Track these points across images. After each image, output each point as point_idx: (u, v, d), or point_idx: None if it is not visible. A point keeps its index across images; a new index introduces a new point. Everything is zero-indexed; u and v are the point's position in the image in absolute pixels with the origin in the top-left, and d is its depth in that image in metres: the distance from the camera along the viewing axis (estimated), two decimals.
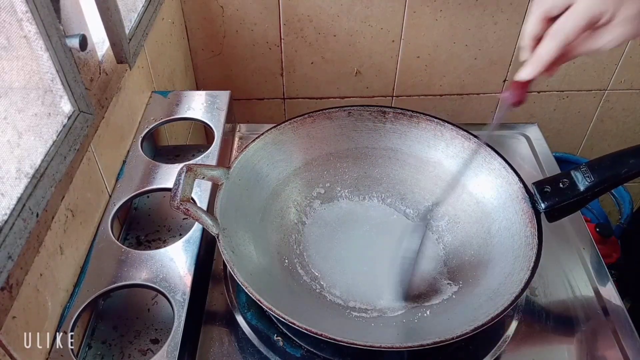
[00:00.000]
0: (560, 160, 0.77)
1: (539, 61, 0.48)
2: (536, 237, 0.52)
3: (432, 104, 1.10)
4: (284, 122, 0.65)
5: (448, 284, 0.58)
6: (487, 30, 0.99)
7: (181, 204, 0.50)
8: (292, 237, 0.63)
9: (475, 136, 0.62)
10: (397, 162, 0.68)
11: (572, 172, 0.54)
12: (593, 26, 0.45)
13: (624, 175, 0.52)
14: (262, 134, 0.63)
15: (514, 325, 0.56)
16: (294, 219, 0.65)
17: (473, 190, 0.62)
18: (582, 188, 0.53)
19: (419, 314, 0.55)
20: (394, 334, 0.53)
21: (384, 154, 0.68)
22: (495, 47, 1.02)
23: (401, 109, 0.66)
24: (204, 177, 0.55)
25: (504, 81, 1.08)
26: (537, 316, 0.57)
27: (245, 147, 0.62)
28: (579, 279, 0.61)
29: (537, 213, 0.54)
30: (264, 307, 0.47)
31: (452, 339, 0.45)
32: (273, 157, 0.64)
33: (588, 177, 0.53)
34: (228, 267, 0.51)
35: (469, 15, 0.97)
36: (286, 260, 0.60)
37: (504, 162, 0.60)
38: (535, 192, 0.55)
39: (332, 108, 0.67)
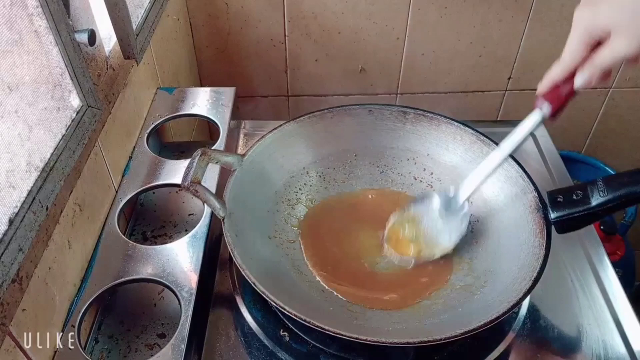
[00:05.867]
0: (564, 159, 0.77)
1: (547, 78, 0.51)
2: (544, 248, 0.51)
3: (436, 101, 1.10)
4: (303, 115, 0.65)
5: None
6: (492, 28, 0.99)
7: (191, 185, 0.51)
8: (300, 229, 0.63)
9: (495, 142, 0.61)
10: (414, 164, 0.67)
11: (588, 186, 0.53)
12: (590, 45, 0.48)
13: (639, 194, 0.51)
14: (280, 126, 0.64)
15: (519, 322, 0.56)
16: (304, 212, 0.65)
17: (488, 198, 0.61)
18: (593, 203, 0.51)
19: (424, 312, 0.55)
20: (399, 330, 0.53)
21: (401, 155, 0.68)
22: (500, 45, 1.02)
23: (422, 110, 0.66)
24: (217, 162, 0.56)
25: (509, 79, 1.08)
26: (542, 314, 0.57)
27: (262, 137, 0.62)
28: (583, 276, 0.61)
29: (548, 224, 0.53)
30: (258, 290, 0.48)
31: (441, 339, 0.45)
32: (289, 148, 0.65)
33: (602, 192, 0.51)
34: (229, 249, 0.52)
35: (474, 13, 0.97)
36: (291, 252, 0.60)
37: (521, 170, 0.59)
38: (547, 200, 0.54)
39: (352, 105, 0.67)
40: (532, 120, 0.53)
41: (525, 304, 0.58)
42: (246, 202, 0.58)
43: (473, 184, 0.58)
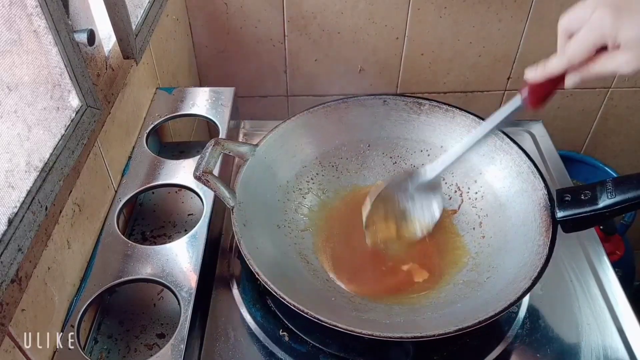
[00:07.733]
0: (564, 159, 0.77)
1: (544, 70, 0.49)
2: (547, 248, 0.51)
3: None
4: (317, 105, 0.66)
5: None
6: (491, 28, 0.99)
7: (203, 174, 0.52)
8: (310, 220, 0.63)
9: (510, 138, 0.61)
10: (427, 155, 0.67)
11: (597, 186, 0.52)
12: (597, 49, 0.46)
13: None
14: (295, 116, 0.65)
15: (518, 322, 0.56)
16: (314, 201, 0.65)
17: (498, 193, 0.61)
18: (601, 204, 0.51)
19: (424, 306, 0.55)
20: (396, 323, 0.53)
21: (415, 146, 0.67)
22: (500, 45, 1.02)
23: (437, 101, 0.66)
24: (230, 152, 0.57)
25: (508, 79, 1.08)
26: (541, 314, 0.57)
27: (275, 127, 0.63)
28: (583, 276, 0.61)
29: (554, 223, 0.53)
30: (261, 280, 0.49)
31: (434, 336, 0.46)
32: (302, 139, 0.65)
33: (611, 193, 0.50)
34: (236, 239, 0.52)
35: (473, 12, 0.97)
36: (299, 241, 0.60)
37: (532, 166, 0.58)
38: (555, 199, 0.54)
39: (367, 95, 0.67)
40: (512, 106, 0.53)
41: (525, 304, 0.58)
42: (256, 192, 0.59)
43: (443, 162, 0.59)
